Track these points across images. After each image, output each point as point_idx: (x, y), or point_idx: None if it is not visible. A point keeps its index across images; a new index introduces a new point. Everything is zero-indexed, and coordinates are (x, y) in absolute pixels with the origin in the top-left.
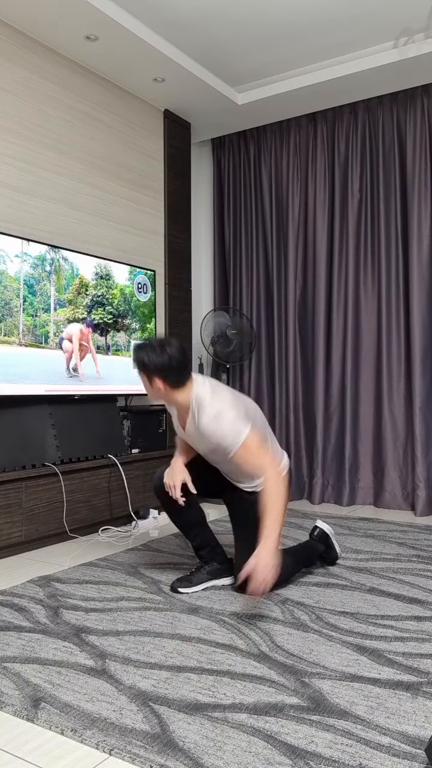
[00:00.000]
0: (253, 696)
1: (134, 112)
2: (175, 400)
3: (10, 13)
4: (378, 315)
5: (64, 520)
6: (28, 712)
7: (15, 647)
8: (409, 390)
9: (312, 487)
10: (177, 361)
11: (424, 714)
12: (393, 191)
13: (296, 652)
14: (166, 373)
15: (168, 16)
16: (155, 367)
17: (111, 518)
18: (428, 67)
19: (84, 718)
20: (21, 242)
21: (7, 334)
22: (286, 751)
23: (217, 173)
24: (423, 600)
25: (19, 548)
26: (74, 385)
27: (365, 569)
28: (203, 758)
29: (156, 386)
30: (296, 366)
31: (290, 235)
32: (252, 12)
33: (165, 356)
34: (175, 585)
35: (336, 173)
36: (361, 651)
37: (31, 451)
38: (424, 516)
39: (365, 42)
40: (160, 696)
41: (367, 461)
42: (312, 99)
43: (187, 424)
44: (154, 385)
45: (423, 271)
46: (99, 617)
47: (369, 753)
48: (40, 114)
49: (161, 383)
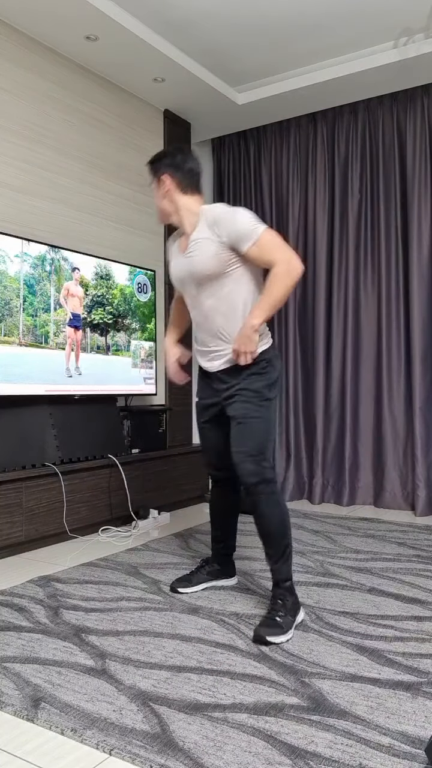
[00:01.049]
0: (253, 696)
1: (134, 112)
2: (183, 207)
3: (10, 13)
4: (378, 315)
5: (64, 520)
6: (28, 712)
7: (15, 647)
8: (409, 390)
9: (312, 487)
10: (189, 162)
11: (424, 714)
12: (393, 191)
13: (296, 652)
14: (175, 170)
15: (168, 16)
16: (166, 163)
17: (111, 518)
18: (428, 67)
19: (84, 718)
20: (21, 242)
21: (7, 334)
22: (286, 751)
23: (217, 173)
24: (423, 600)
25: (19, 548)
26: (74, 385)
27: (365, 569)
28: (203, 758)
29: (164, 189)
30: (296, 366)
31: (290, 235)
32: (252, 12)
33: (177, 156)
34: (174, 585)
35: (336, 173)
36: (361, 651)
37: (31, 451)
38: (424, 516)
39: (365, 42)
40: (160, 696)
41: (367, 461)
42: (312, 99)
43: (190, 240)
44: (162, 187)
45: (423, 271)
46: (99, 617)
47: (369, 753)
48: (40, 114)
49: (170, 182)
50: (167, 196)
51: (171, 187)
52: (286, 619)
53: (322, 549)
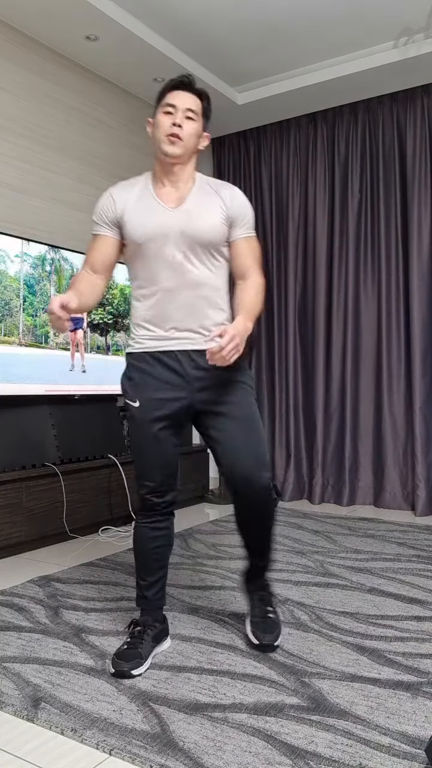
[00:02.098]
0: (253, 696)
1: (134, 112)
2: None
3: (10, 13)
4: (378, 315)
5: (64, 520)
6: (28, 712)
7: (15, 647)
8: (409, 390)
9: (312, 487)
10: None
11: (424, 714)
12: (393, 191)
13: (296, 652)
14: (209, 113)
15: (168, 16)
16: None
17: (111, 518)
18: (428, 67)
19: (84, 718)
20: (21, 242)
21: (7, 334)
22: (286, 751)
23: (217, 173)
24: (423, 600)
25: (19, 548)
26: (74, 385)
27: (365, 569)
28: (203, 758)
29: (203, 131)
30: (296, 366)
31: (290, 235)
32: (252, 12)
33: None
34: (123, 668)
35: (336, 173)
36: (361, 651)
37: (31, 451)
38: (424, 516)
39: (365, 42)
40: (160, 696)
41: (367, 461)
42: (312, 99)
43: (188, 195)
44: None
45: (423, 271)
46: (99, 617)
47: (369, 753)
48: (40, 114)
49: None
50: (199, 140)
51: (207, 138)
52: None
53: (322, 549)
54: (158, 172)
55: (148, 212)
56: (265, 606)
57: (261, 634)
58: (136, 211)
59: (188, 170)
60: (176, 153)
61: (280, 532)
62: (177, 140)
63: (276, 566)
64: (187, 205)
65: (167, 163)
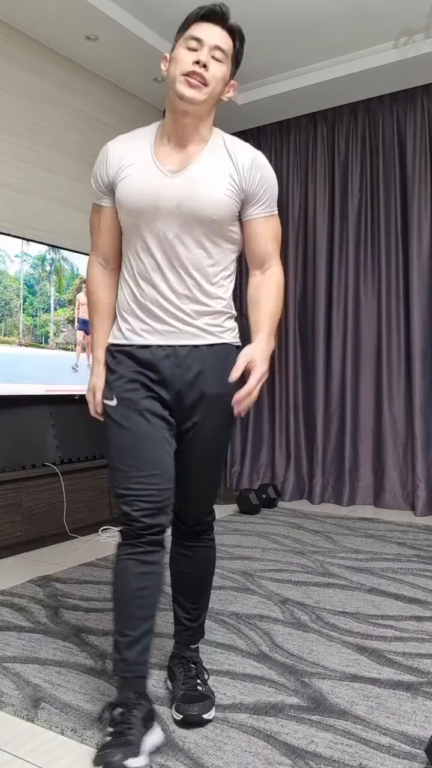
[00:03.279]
0: (253, 696)
1: (134, 112)
2: (215, 97)
3: (10, 13)
4: (378, 315)
5: (64, 520)
6: (28, 712)
7: (15, 647)
8: (409, 390)
9: (312, 487)
10: None
11: (424, 714)
12: (393, 191)
13: (296, 652)
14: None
15: (168, 16)
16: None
17: (111, 518)
18: (428, 67)
19: (84, 718)
20: (21, 242)
21: (7, 334)
22: (286, 751)
23: None
24: (423, 600)
25: (19, 548)
26: (74, 385)
27: (365, 569)
28: (203, 758)
29: (227, 66)
30: (296, 366)
31: (290, 235)
32: (252, 12)
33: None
34: (117, 761)
35: (336, 173)
36: (361, 651)
37: (31, 451)
38: (424, 516)
39: (365, 42)
40: (160, 696)
41: (367, 461)
42: (312, 99)
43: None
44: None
45: (423, 271)
46: (99, 617)
47: (369, 753)
48: (40, 114)
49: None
50: (225, 89)
51: (234, 88)
52: (207, 686)
53: (322, 549)
54: (168, 122)
55: (140, 175)
56: (188, 674)
57: (183, 704)
58: (128, 172)
59: (204, 126)
60: (196, 98)
61: (280, 532)
62: (199, 83)
63: (276, 566)
64: (190, 171)
65: (179, 112)
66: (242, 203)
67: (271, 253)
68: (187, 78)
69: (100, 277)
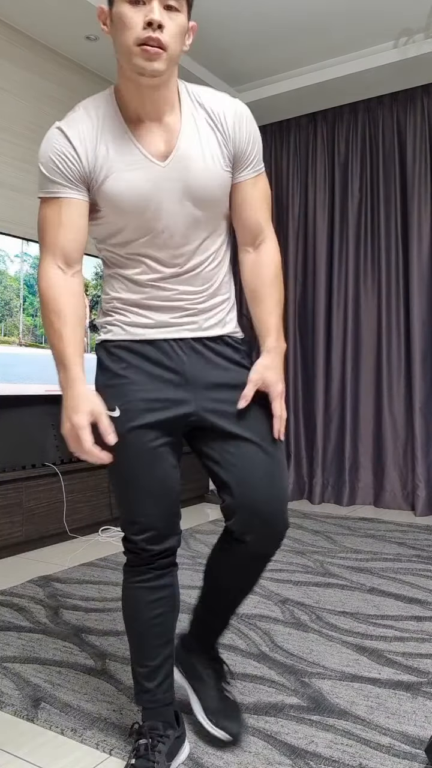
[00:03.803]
0: (253, 696)
1: None
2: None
3: (10, 13)
4: (378, 315)
5: (64, 520)
6: (28, 712)
7: (15, 647)
8: (409, 390)
9: (312, 487)
10: None
11: (424, 714)
12: (393, 191)
13: (296, 652)
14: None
15: None
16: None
17: (111, 518)
18: (428, 67)
19: (84, 718)
20: (21, 242)
21: (7, 334)
22: (286, 751)
23: None
24: (423, 600)
25: (19, 548)
26: None
27: (365, 569)
28: (203, 758)
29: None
30: (296, 366)
31: (290, 235)
32: (252, 12)
33: None
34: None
35: (336, 173)
36: (361, 651)
37: (31, 451)
38: (424, 516)
39: (365, 42)
40: None
41: (367, 461)
42: (312, 99)
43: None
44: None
45: (423, 271)
46: (99, 617)
47: (369, 753)
48: (40, 114)
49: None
50: (185, 39)
51: (193, 31)
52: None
53: (322, 549)
54: (129, 96)
55: (133, 171)
56: (220, 682)
57: (223, 721)
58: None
59: (172, 88)
60: (159, 69)
61: None
62: (158, 50)
63: (276, 566)
64: (180, 151)
65: (146, 86)
66: (232, 168)
67: (263, 223)
68: (143, 48)
69: (61, 281)
